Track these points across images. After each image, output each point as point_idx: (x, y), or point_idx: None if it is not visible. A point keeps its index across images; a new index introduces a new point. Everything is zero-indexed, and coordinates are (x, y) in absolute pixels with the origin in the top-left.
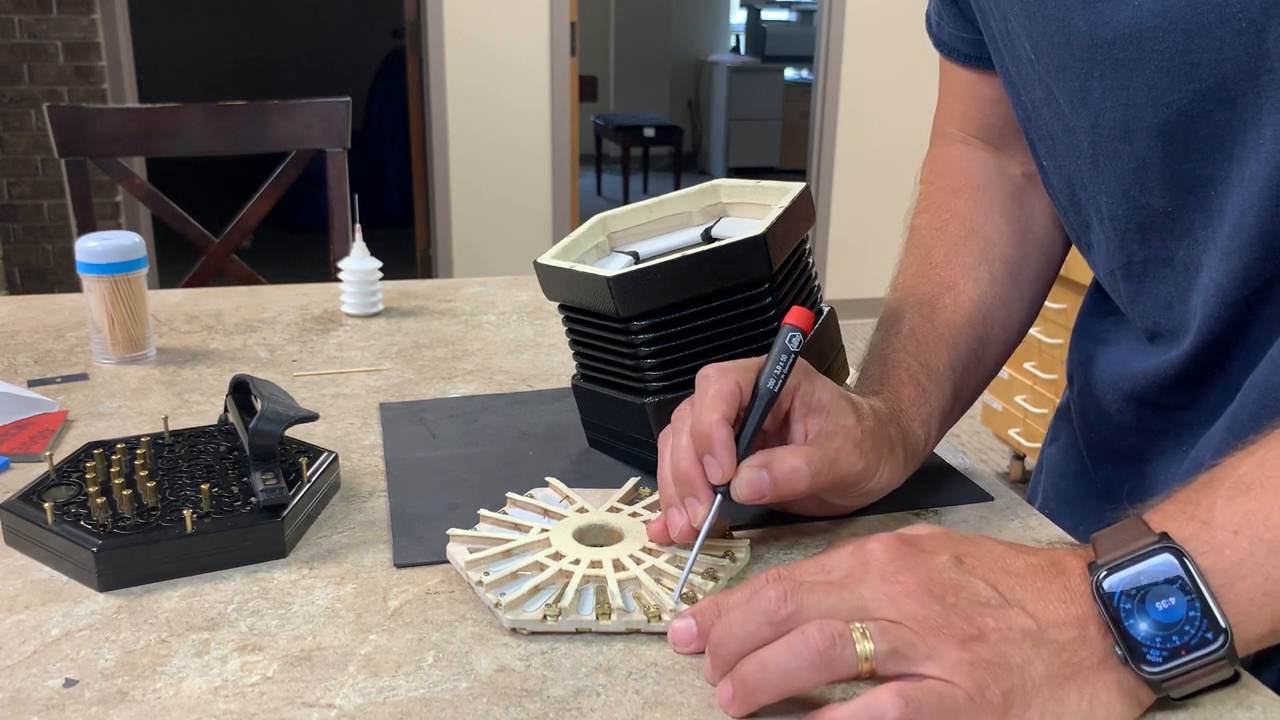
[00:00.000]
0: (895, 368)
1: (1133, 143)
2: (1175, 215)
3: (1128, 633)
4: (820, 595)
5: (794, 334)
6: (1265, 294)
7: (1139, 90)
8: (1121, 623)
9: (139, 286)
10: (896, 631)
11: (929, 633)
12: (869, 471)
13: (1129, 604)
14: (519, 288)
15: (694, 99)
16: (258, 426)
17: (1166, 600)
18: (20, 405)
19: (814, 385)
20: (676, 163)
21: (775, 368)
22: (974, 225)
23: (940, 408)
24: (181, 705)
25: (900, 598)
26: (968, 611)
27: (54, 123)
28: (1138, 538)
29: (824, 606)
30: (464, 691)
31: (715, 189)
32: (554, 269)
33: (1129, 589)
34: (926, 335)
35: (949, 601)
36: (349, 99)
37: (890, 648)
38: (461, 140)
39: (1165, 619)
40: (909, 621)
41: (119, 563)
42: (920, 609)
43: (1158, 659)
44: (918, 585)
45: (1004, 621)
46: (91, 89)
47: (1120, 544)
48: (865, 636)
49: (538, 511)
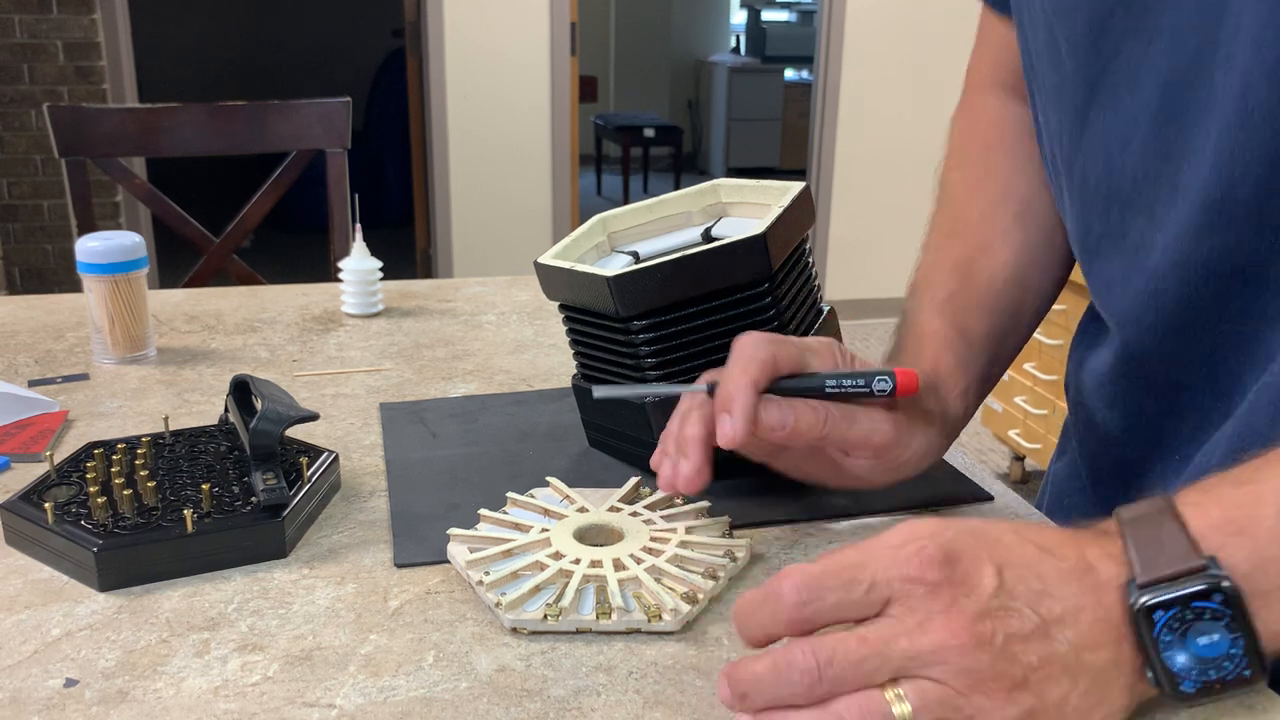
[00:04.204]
0: (932, 336)
1: (1135, 93)
2: (1142, 186)
3: (1165, 663)
4: (857, 663)
5: (887, 381)
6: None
7: (1163, 32)
8: (1161, 653)
9: (139, 286)
10: (938, 694)
11: (974, 690)
12: (899, 440)
13: (1170, 635)
14: (519, 288)
15: (694, 99)
16: (258, 426)
17: (1209, 637)
18: (20, 405)
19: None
20: (676, 163)
21: (846, 382)
22: (1010, 184)
23: (979, 375)
24: (182, 705)
25: (947, 653)
26: (1014, 653)
27: (54, 123)
28: (1181, 557)
29: (862, 673)
30: (464, 691)
31: (715, 189)
32: (554, 269)
33: (1173, 621)
34: (963, 301)
35: (996, 645)
36: (349, 99)
37: (933, 716)
38: (461, 140)
39: (1206, 654)
40: (954, 680)
41: (119, 563)
42: (965, 661)
43: (1191, 690)
44: (964, 632)
45: (1044, 654)
46: (91, 89)
47: (1158, 557)
48: (900, 699)
49: (538, 511)
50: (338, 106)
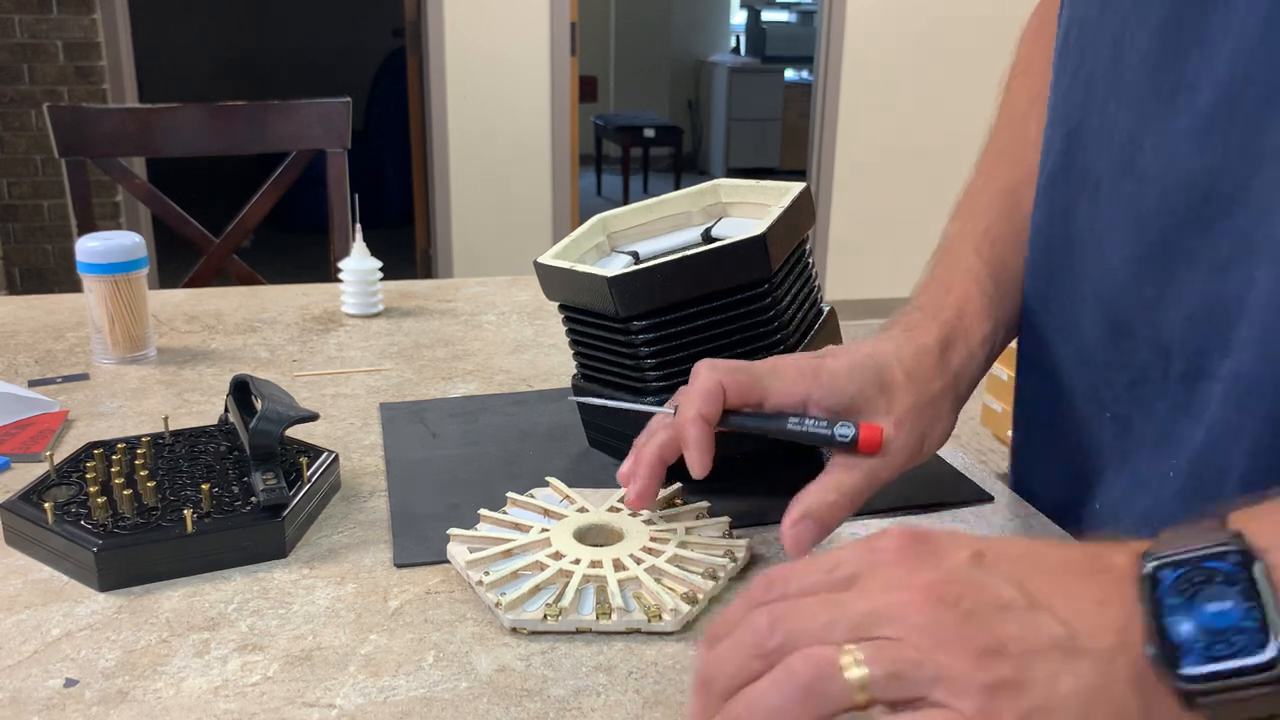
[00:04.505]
0: (965, 274)
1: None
2: (1144, 77)
3: (1166, 630)
4: (810, 616)
5: (849, 429)
6: (1196, 214)
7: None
8: (1163, 617)
9: (139, 286)
10: (896, 651)
11: (936, 648)
12: (912, 454)
13: (1175, 599)
14: (519, 288)
15: (694, 99)
16: (258, 426)
17: (1221, 603)
18: (20, 405)
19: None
20: (676, 163)
21: (809, 423)
22: None
23: (1007, 318)
24: (182, 705)
25: (905, 608)
26: (986, 618)
27: (54, 123)
28: (1208, 533)
29: (816, 629)
30: (464, 691)
31: (715, 189)
32: (554, 269)
33: (1180, 583)
34: (1001, 232)
35: (964, 607)
36: (349, 99)
37: (888, 671)
38: (461, 140)
39: (1215, 623)
40: (913, 636)
41: (119, 563)
42: (927, 619)
43: (1194, 670)
44: (926, 590)
45: (1029, 629)
46: (91, 89)
47: (1186, 538)
48: (858, 662)
49: (538, 511)
50: (338, 106)
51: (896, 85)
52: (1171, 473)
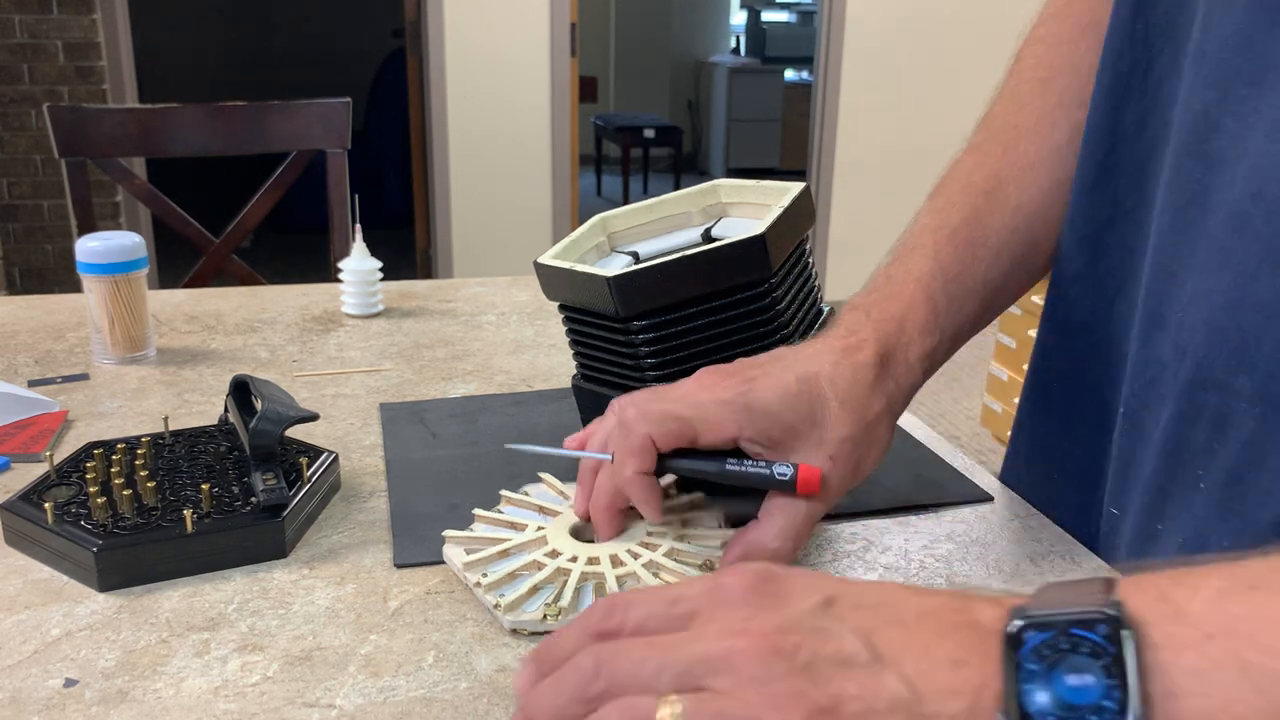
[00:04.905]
0: (915, 281)
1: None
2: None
3: (1021, 696)
4: (638, 662)
5: (787, 470)
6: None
7: None
8: (1020, 683)
9: (139, 286)
10: (720, 706)
11: (765, 705)
12: (848, 484)
13: (1036, 664)
14: (519, 288)
15: (694, 100)
16: (258, 426)
17: (1083, 676)
18: (20, 405)
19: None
20: (676, 163)
21: (747, 463)
22: (1088, 87)
23: (957, 329)
24: (182, 705)
25: (738, 657)
26: (824, 674)
27: (54, 123)
28: (1087, 596)
29: (642, 677)
30: (464, 691)
31: (715, 189)
32: (554, 269)
33: (1044, 648)
34: (971, 236)
35: (800, 659)
36: (349, 99)
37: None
38: (461, 140)
39: (1073, 698)
40: (742, 691)
41: (119, 563)
42: (759, 671)
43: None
44: (763, 638)
45: (869, 688)
46: (91, 89)
47: (1064, 598)
48: (675, 717)
49: (533, 509)
50: (338, 106)
51: (896, 85)
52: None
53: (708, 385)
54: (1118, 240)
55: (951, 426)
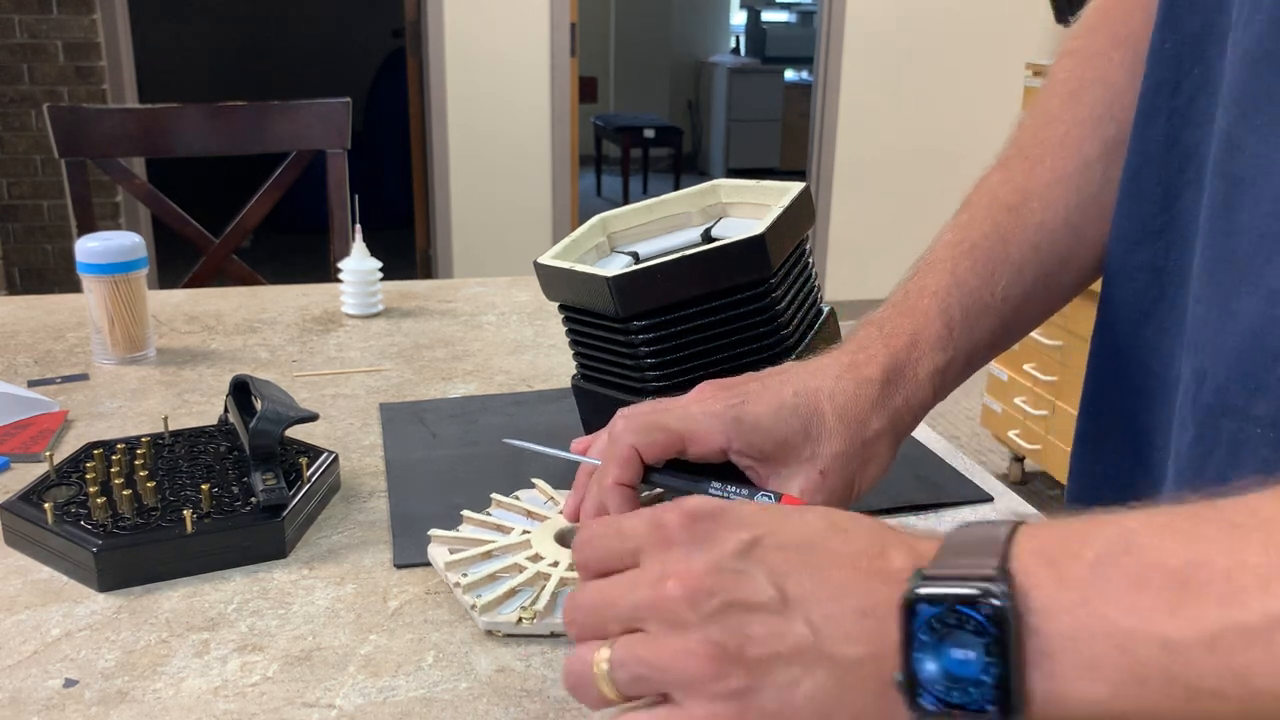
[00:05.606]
0: (931, 296)
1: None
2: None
3: (912, 663)
4: (590, 610)
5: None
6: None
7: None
8: (911, 652)
9: (139, 287)
10: (638, 656)
11: (677, 651)
12: (840, 501)
13: (927, 636)
14: (519, 288)
15: (694, 100)
16: (258, 427)
17: (966, 651)
18: (20, 405)
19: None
20: (676, 164)
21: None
22: (1119, 100)
23: (974, 347)
24: (181, 705)
25: (661, 603)
26: (734, 619)
27: (54, 123)
28: (983, 556)
29: (596, 624)
30: (464, 691)
31: (715, 189)
32: (554, 269)
33: (934, 622)
34: (991, 253)
35: (712, 605)
36: (349, 99)
37: (630, 677)
38: (461, 140)
39: (956, 670)
40: (661, 637)
41: (119, 563)
42: (677, 616)
43: (929, 707)
44: (684, 584)
45: (774, 630)
46: (91, 89)
47: (964, 554)
48: (607, 661)
49: (520, 513)
50: (338, 107)
51: (896, 85)
52: None
53: (702, 397)
54: (1146, 262)
55: (951, 426)
